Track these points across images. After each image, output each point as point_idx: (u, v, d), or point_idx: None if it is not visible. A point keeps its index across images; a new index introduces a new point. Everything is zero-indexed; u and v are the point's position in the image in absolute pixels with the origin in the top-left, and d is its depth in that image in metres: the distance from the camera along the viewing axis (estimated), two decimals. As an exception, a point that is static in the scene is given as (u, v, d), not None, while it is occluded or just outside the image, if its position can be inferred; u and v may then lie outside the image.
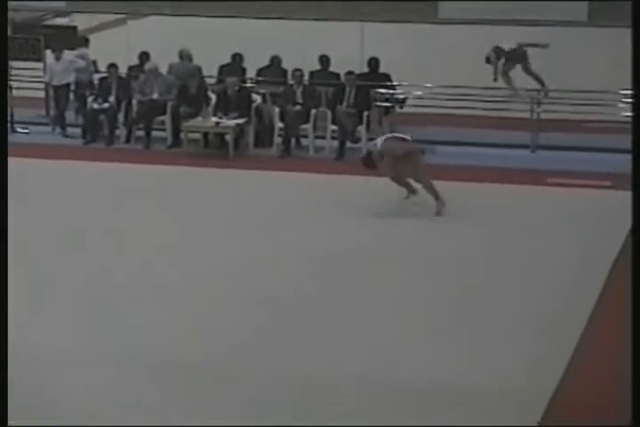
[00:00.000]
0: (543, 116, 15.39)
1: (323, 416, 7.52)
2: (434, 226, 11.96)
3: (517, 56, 16.76)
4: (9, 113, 15.72)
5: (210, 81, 16.44)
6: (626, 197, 12.77)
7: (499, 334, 8.97)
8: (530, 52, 16.84)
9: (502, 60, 16.82)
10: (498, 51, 16.73)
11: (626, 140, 13.10)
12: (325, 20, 17.10)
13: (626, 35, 16.92)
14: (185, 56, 16.58)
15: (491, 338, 8.90)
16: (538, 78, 16.61)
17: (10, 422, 5.83)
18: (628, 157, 13.09)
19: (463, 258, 10.86)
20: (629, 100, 15.95)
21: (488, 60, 16.75)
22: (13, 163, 14.24)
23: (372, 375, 8.18)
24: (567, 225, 11.87)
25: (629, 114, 15.50)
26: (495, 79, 16.67)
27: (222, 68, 16.55)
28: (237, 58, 16.65)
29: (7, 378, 4.20)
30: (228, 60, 16.63)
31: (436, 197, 12.27)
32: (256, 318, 9.27)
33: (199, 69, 16.27)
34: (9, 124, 16.07)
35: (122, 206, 12.66)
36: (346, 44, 16.67)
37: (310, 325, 9.21)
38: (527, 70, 16.82)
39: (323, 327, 9.14)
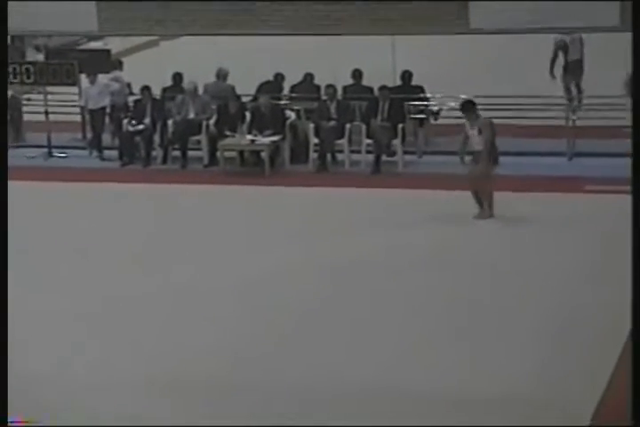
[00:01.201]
0: (579, 123, 15.32)
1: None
2: (475, 231, 11.95)
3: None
4: (46, 138, 15.88)
5: (243, 99, 16.49)
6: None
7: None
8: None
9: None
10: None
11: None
12: (356, 34, 17.08)
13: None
14: (221, 75, 16.68)
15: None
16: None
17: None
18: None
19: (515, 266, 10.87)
20: None
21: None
22: (52, 187, 14.43)
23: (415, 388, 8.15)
24: (606, 231, 11.80)
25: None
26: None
27: (262, 86, 16.60)
28: (279, 77, 16.72)
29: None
30: (259, 78, 16.69)
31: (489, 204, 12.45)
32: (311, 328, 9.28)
33: (233, 89, 16.36)
34: (47, 150, 16.26)
35: (162, 226, 12.73)
36: (378, 58, 16.69)
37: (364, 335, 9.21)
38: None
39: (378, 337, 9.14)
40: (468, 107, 12.99)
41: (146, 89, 16.11)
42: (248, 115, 15.78)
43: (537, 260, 11.10)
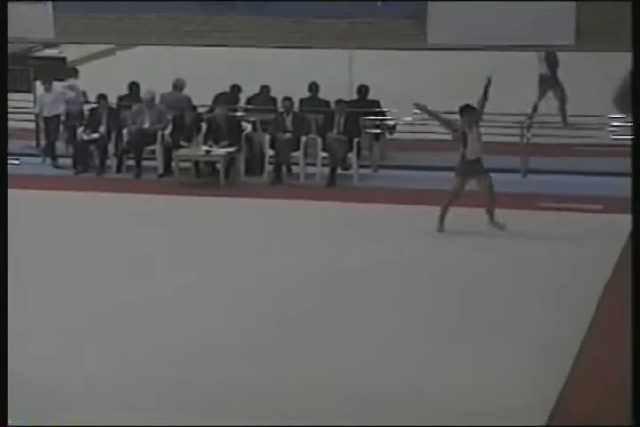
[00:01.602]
0: (533, 140, 15.43)
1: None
2: (428, 245, 11.96)
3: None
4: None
5: (199, 110, 16.45)
6: (616, 219, 12.87)
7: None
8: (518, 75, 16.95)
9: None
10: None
11: (615, 164, 13.21)
12: (314, 47, 17.12)
13: (613, 58, 17.02)
14: (179, 85, 16.63)
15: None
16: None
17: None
18: (619, 179, 13.20)
19: (462, 278, 10.86)
20: (618, 123, 16.06)
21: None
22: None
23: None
24: (560, 248, 11.86)
25: (618, 137, 15.66)
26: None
27: (218, 97, 16.56)
28: (235, 88, 16.70)
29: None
30: (216, 89, 16.66)
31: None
32: (263, 340, 9.23)
33: (189, 99, 16.30)
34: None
35: (114, 235, 12.64)
36: (335, 72, 16.72)
37: (308, 339, 9.17)
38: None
39: (326, 341, 9.10)
40: (469, 111, 12.68)
41: (101, 97, 16.02)
42: (204, 125, 15.74)
43: (497, 276, 11.13)
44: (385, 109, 16.13)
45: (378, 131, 15.90)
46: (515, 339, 9.34)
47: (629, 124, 16.63)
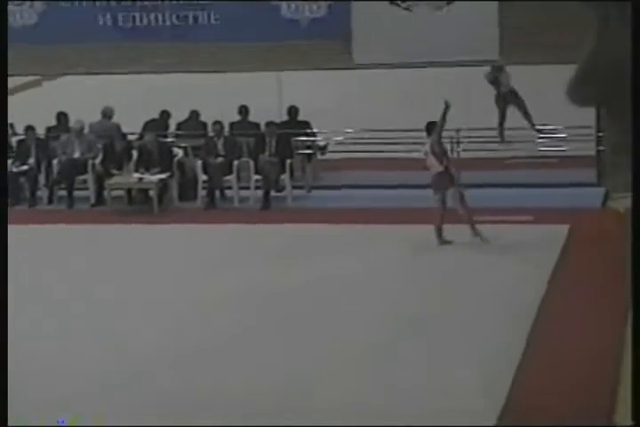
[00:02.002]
0: (464, 155, 15.56)
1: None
2: (363, 261, 11.99)
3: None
4: None
5: (129, 137, 16.37)
6: (548, 229, 13.01)
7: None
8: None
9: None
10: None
11: (545, 175, 13.38)
12: (242, 71, 17.16)
13: (537, 71, 17.26)
14: (108, 114, 16.54)
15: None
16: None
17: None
18: (548, 191, 13.38)
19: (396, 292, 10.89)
20: (547, 135, 16.27)
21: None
22: None
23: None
24: (497, 259, 11.96)
25: (547, 148, 15.85)
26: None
27: (147, 124, 16.50)
28: (164, 114, 16.65)
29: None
30: (146, 115, 16.61)
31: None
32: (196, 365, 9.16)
33: (118, 127, 16.22)
34: None
35: (47, 266, 12.49)
36: (264, 94, 16.74)
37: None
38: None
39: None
40: (430, 128, 12.91)
41: (29, 129, 15.88)
42: (135, 153, 15.66)
43: (440, 286, 11.18)
44: (315, 130, 16.18)
45: (309, 151, 15.94)
46: (460, 350, 9.37)
47: (560, 135, 16.79)
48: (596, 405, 8.17)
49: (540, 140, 15.92)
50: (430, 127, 12.98)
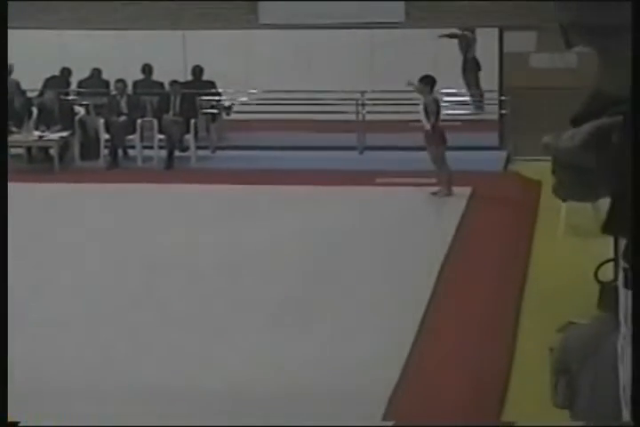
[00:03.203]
0: (369, 117, 15.60)
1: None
2: (267, 223, 11.95)
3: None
4: None
5: (29, 94, 16.05)
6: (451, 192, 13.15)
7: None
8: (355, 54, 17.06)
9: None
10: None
11: (448, 138, 13.46)
12: (146, 29, 16.88)
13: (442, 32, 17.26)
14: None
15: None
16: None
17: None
18: (450, 153, 13.49)
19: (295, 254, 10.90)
20: (450, 97, 16.37)
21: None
22: None
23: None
24: (396, 221, 12.03)
25: (451, 111, 15.96)
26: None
27: (48, 81, 16.18)
28: (65, 71, 16.34)
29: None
30: (46, 73, 16.28)
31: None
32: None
33: (17, 84, 15.88)
34: None
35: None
36: (168, 53, 16.52)
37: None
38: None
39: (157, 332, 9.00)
40: (424, 81, 13.05)
41: None
42: (35, 110, 15.37)
43: (331, 250, 11.20)
44: (220, 90, 16.06)
45: (214, 111, 15.82)
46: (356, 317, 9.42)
47: (464, 98, 16.89)
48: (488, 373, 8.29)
49: (444, 104, 16.00)
50: (425, 80, 12.99)
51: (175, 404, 7.58)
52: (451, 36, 17.26)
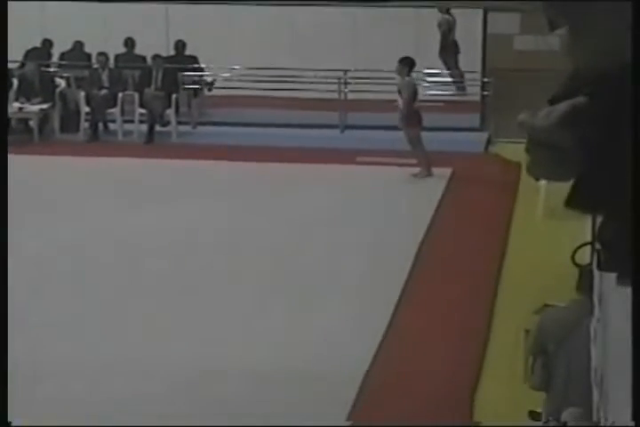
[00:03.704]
0: (350, 96, 15.56)
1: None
2: (244, 202, 11.93)
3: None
4: None
5: (10, 66, 15.90)
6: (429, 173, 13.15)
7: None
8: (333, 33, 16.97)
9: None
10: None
11: (428, 119, 13.45)
12: (130, 1, 16.78)
13: (426, 14, 17.25)
14: (-18, 40, 16.02)
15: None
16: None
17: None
18: (433, 134, 13.49)
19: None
20: (433, 78, 16.35)
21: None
22: None
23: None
24: (376, 200, 12.03)
25: (432, 92, 15.94)
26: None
27: (29, 53, 16.05)
28: (47, 43, 16.21)
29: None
30: (27, 44, 16.13)
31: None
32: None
33: (-2, 54, 15.73)
34: None
35: None
36: (151, 27, 16.41)
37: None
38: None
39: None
40: (403, 62, 13.08)
41: None
42: (15, 81, 15.24)
43: (302, 224, 11.21)
44: (203, 66, 15.97)
45: (196, 87, 15.74)
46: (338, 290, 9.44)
47: (447, 79, 16.81)
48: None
49: (426, 84, 15.99)
50: (404, 61, 13.04)
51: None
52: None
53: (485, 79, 15.69)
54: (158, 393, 7.45)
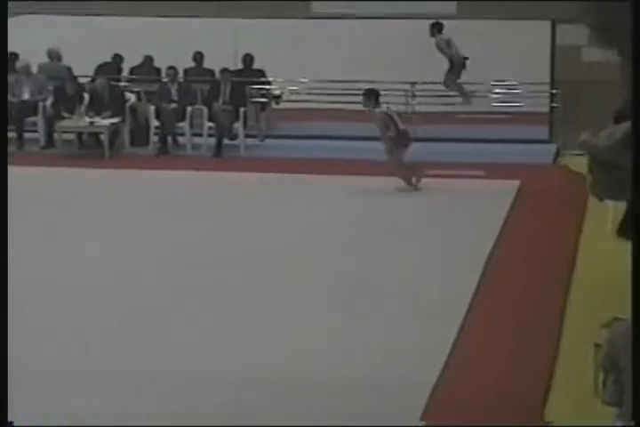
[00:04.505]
0: (418, 108, 15.57)
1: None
2: (315, 213, 11.99)
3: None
4: None
5: (81, 80, 16.15)
6: (497, 185, 13.08)
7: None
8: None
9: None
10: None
11: (496, 131, 13.42)
12: (199, 16, 16.96)
13: (494, 26, 17.19)
14: (54, 55, 16.30)
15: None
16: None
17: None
18: (499, 146, 13.45)
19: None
20: (501, 89, 16.28)
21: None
22: None
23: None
24: (445, 212, 12.02)
25: (501, 104, 15.89)
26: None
27: (100, 68, 16.29)
28: (117, 58, 16.45)
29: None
30: (100, 59, 16.39)
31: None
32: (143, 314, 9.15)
33: (69, 69, 16.01)
34: None
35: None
36: (220, 42, 16.58)
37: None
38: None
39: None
40: (368, 94, 13.09)
41: (-20, 68, 15.62)
42: (86, 96, 15.49)
43: (393, 238, 11.23)
44: (270, 79, 16.09)
45: (264, 100, 15.85)
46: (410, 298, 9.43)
47: (513, 91, 16.71)
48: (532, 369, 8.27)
49: (495, 96, 15.94)
50: (369, 93, 13.11)
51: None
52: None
53: (554, 91, 15.61)
54: (247, 402, 7.45)
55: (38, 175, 13.95)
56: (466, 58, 16.47)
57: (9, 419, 5.07)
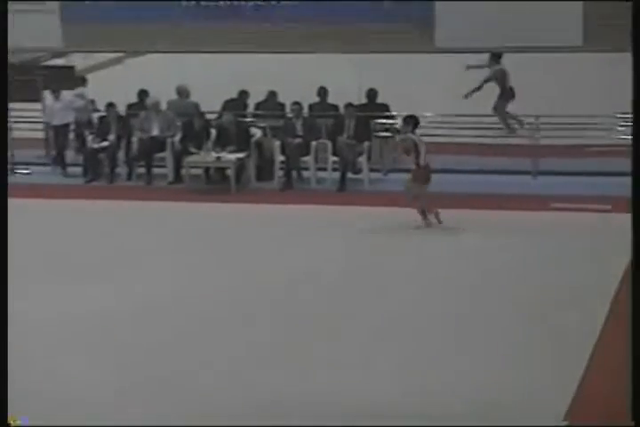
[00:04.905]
0: (543, 142, 15.44)
1: None
2: (439, 247, 11.98)
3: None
4: (9, 154, 15.72)
5: (208, 116, 16.45)
6: (625, 219, 12.85)
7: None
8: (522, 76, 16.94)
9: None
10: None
11: (625, 164, 13.15)
12: (320, 52, 17.16)
13: (621, 58, 16.98)
14: (182, 92, 16.64)
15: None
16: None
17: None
18: (628, 179, 13.20)
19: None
20: (627, 122, 16.04)
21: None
22: (15, 203, 14.29)
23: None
24: (572, 248, 11.87)
25: (628, 136, 15.63)
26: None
27: (226, 104, 16.58)
28: (243, 94, 16.72)
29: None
30: (226, 95, 16.68)
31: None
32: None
33: (197, 106, 16.32)
34: (9, 165, 16.08)
35: (126, 242, 12.64)
36: (342, 76, 16.72)
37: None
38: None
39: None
40: (407, 120, 13.24)
41: (110, 106, 16.04)
42: (213, 132, 15.76)
43: (513, 273, 11.16)
44: (394, 113, 16.13)
45: (388, 134, 15.90)
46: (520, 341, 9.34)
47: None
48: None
49: (621, 129, 15.70)
50: (407, 120, 13.24)
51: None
52: (478, 66, 17.16)
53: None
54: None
55: (167, 210, 14.22)
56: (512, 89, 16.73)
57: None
